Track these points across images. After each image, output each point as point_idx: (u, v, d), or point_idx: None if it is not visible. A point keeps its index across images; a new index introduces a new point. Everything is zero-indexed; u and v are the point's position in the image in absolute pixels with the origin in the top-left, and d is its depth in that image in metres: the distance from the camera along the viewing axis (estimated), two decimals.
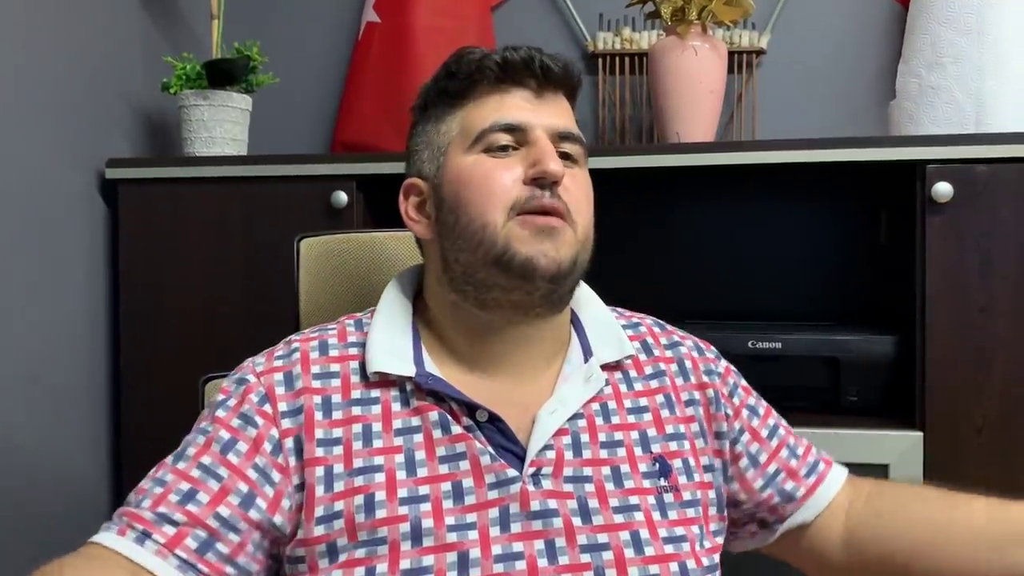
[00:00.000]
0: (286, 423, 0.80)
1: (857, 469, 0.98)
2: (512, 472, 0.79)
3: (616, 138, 1.85)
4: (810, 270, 1.77)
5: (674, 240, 1.83)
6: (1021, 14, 1.42)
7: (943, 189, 1.33)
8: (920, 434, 1.35)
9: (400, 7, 1.79)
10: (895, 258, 1.57)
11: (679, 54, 1.57)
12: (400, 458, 0.80)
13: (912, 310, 1.38)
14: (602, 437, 0.85)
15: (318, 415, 0.81)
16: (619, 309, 0.98)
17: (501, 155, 0.84)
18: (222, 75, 1.63)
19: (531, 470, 0.80)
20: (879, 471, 1.34)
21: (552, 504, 0.79)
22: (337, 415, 0.81)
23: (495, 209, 0.82)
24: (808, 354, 1.46)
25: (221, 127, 1.65)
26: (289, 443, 0.80)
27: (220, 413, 0.82)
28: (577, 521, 0.79)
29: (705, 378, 0.92)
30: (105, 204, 1.64)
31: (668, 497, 0.84)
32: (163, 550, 0.73)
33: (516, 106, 0.85)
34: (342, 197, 1.52)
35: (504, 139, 0.84)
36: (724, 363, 0.96)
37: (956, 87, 1.42)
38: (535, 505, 0.78)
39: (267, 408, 0.81)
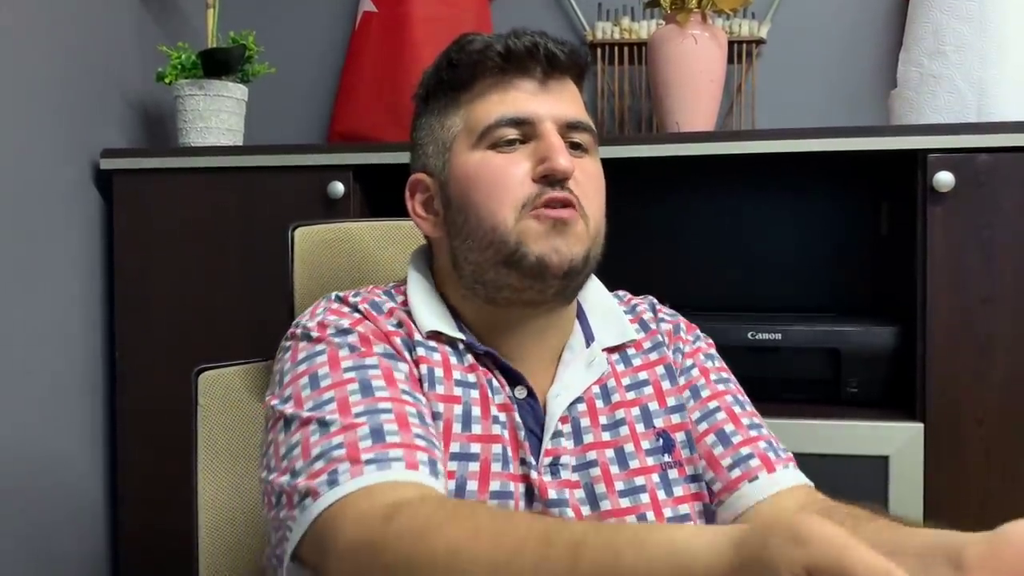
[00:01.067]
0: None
1: (857, 461, 0.97)
2: (531, 459, 0.80)
3: (615, 128, 1.84)
4: (810, 260, 1.77)
5: (673, 230, 1.82)
6: (1023, 1, 1.41)
7: (944, 178, 1.32)
8: (921, 425, 1.34)
9: None
10: (896, 248, 1.56)
11: (679, 43, 1.56)
12: (458, 409, 0.80)
13: (913, 301, 1.37)
14: (603, 419, 0.85)
15: (405, 353, 0.81)
16: (620, 293, 0.97)
17: (508, 149, 0.82)
18: (218, 65, 1.62)
19: (547, 460, 0.81)
20: (879, 463, 1.33)
21: (564, 494, 0.79)
22: (416, 353, 0.82)
23: (504, 209, 0.80)
24: (808, 345, 1.45)
25: (217, 117, 1.63)
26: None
27: (364, 348, 0.79)
28: (585, 510, 0.79)
29: (668, 352, 0.90)
30: (100, 195, 1.63)
31: (672, 473, 0.83)
32: (444, 481, 0.73)
33: (522, 98, 0.82)
34: (339, 187, 1.51)
35: (511, 133, 0.81)
36: (696, 346, 0.93)
37: (958, 75, 1.41)
38: (551, 494, 0.79)
39: (386, 344, 0.81)
